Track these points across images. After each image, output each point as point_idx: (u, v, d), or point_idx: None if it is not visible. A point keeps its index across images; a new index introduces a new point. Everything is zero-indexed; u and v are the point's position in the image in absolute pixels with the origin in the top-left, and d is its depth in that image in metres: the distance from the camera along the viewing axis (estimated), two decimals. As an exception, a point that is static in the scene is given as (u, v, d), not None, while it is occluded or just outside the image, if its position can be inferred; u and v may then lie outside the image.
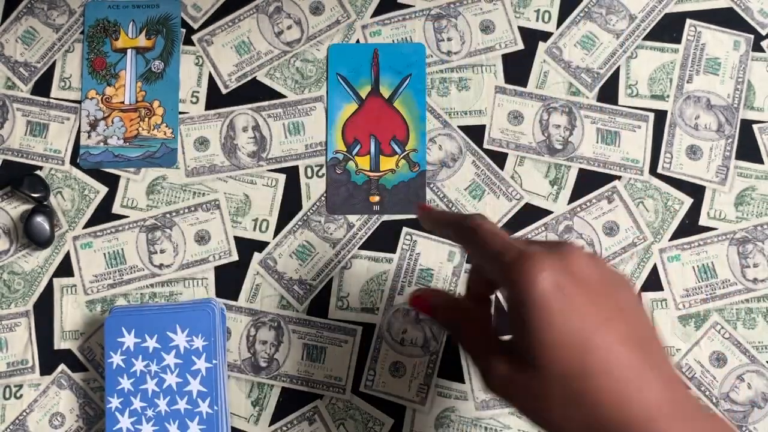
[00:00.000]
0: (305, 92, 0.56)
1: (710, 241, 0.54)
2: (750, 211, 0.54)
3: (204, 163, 0.55)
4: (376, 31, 0.56)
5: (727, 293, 0.53)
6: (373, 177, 0.55)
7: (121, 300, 0.54)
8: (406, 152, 0.55)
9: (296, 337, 0.53)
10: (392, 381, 0.53)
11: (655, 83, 0.55)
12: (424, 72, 0.56)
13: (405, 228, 0.54)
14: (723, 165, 0.54)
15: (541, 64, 0.56)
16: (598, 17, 0.56)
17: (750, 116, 0.55)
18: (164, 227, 0.54)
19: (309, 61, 0.56)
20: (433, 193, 0.54)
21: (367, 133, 0.55)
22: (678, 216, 0.54)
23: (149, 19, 0.57)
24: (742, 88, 0.55)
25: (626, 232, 0.54)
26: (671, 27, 0.56)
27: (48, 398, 0.53)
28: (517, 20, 0.56)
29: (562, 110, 0.55)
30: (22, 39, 0.57)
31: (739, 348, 0.53)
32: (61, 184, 0.55)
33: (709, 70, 0.55)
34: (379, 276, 0.54)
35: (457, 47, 0.56)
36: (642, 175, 0.54)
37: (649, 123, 0.55)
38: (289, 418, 0.53)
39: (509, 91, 0.55)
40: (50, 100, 0.56)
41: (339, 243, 0.54)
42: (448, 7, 0.56)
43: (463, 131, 0.55)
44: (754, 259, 0.53)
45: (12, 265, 0.54)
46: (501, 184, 0.55)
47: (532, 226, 0.54)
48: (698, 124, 0.55)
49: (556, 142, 0.55)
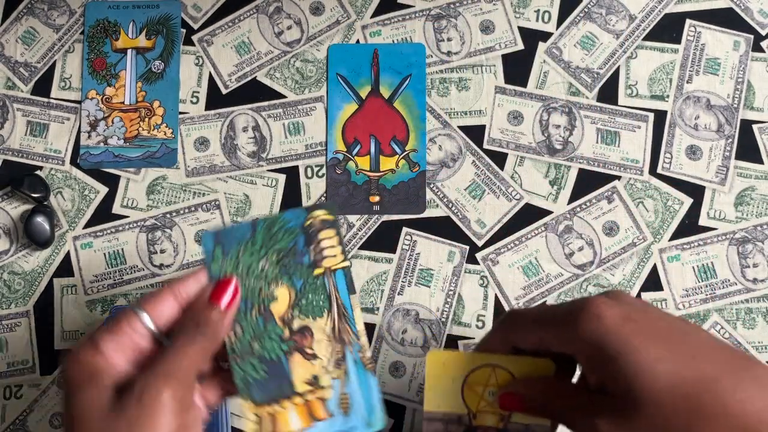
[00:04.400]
0: (305, 92, 0.56)
1: (710, 241, 0.54)
2: (750, 211, 0.54)
3: (204, 163, 0.55)
4: (376, 31, 0.56)
5: (727, 293, 0.53)
6: (373, 177, 0.55)
7: (122, 300, 0.54)
8: (406, 152, 0.55)
9: (296, 337, 0.53)
10: (392, 381, 0.53)
11: (655, 83, 0.55)
12: (424, 72, 0.56)
13: (405, 228, 0.54)
14: (723, 165, 0.54)
15: (541, 65, 0.56)
16: (597, 17, 0.56)
17: (750, 116, 0.55)
18: (164, 227, 0.54)
19: (309, 62, 0.56)
20: (433, 193, 0.54)
21: (367, 133, 0.55)
22: (678, 216, 0.54)
23: (149, 20, 0.57)
24: (741, 89, 0.55)
25: (626, 232, 0.54)
26: (671, 27, 0.56)
27: (48, 398, 0.53)
28: (517, 20, 0.56)
29: (562, 110, 0.55)
30: (23, 39, 0.57)
31: (739, 348, 0.53)
32: (62, 184, 0.55)
33: (708, 70, 0.55)
34: (379, 276, 0.54)
35: (457, 47, 0.56)
36: (642, 175, 0.54)
37: (648, 123, 0.55)
38: (289, 418, 0.53)
39: (509, 91, 0.56)
40: (50, 101, 0.56)
41: (339, 243, 0.54)
42: (448, 8, 0.57)
43: (463, 131, 0.55)
44: (753, 259, 0.53)
45: (12, 265, 0.54)
46: (501, 184, 0.55)
47: (532, 226, 0.54)
48: (698, 124, 0.55)
49: (556, 142, 0.55)
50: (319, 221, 0.38)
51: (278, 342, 0.37)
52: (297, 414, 0.37)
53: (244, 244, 0.38)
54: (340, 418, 0.38)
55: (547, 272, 0.53)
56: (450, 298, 0.53)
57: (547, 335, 0.35)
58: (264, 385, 0.37)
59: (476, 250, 0.54)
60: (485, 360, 0.38)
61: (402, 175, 0.55)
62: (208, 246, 0.37)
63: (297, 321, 0.38)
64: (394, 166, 0.55)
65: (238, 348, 0.37)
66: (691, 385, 0.30)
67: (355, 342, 0.38)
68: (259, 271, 0.38)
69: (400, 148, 0.55)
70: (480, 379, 0.39)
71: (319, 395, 0.38)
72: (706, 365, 0.30)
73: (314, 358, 0.38)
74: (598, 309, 0.32)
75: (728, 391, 0.29)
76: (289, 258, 0.38)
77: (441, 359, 0.40)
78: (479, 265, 0.54)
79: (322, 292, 0.38)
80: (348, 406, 0.38)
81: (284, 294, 0.38)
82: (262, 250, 0.38)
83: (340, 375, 0.38)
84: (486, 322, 0.53)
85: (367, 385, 0.38)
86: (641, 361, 0.30)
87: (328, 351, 0.38)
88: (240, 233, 0.38)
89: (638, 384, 0.30)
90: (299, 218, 0.38)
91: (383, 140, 0.55)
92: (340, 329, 0.38)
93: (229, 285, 0.37)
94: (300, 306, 0.38)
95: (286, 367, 0.37)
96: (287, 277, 0.38)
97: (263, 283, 0.38)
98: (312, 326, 0.38)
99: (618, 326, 0.31)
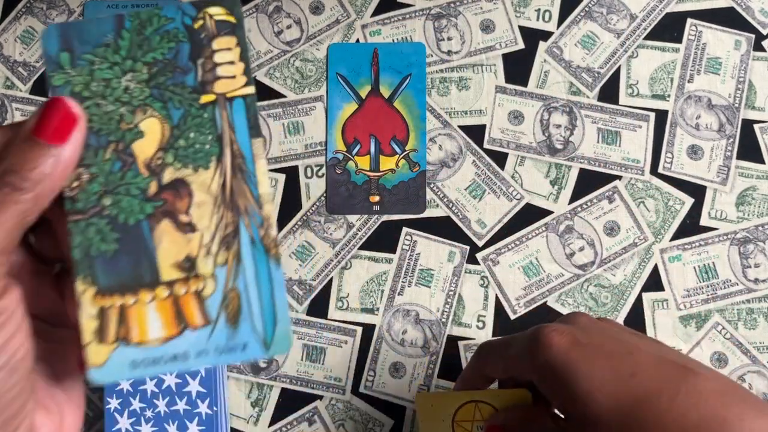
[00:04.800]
0: (305, 92, 0.56)
1: (711, 242, 0.53)
2: (751, 211, 0.54)
3: (203, 163, 0.55)
4: (375, 30, 0.56)
5: (729, 293, 0.53)
6: (373, 177, 0.55)
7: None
8: (406, 152, 0.55)
9: (296, 337, 0.53)
10: (392, 382, 0.53)
11: (656, 83, 0.55)
12: (424, 71, 0.56)
13: (405, 228, 0.54)
14: (724, 165, 0.54)
15: (541, 64, 0.56)
16: (598, 17, 0.56)
17: (751, 116, 0.55)
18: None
19: (309, 61, 0.56)
20: (433, 193, 0.54)
21: (367, 133, 0.55)
22: (679, 216, 0.54)
23: (148, 19, 0.57)
24: (743, 88, 0.55)
25: (627, 232, 0.54)
26: (672, 26, 0.56)
27: (47, 399, 0.53)
28: (518, 20, 0.56)
29: (562, 110, 0.55)
30: (21, 38, 0.57)
31: (740, 348, 0.52)
32: (60, 184, 0.55)
33: (710, 69, 0.55)
34: (379, 276, 0.54)
35: (457, 47, 0.56)
36: (643, 175, 0.54)
37: (649, 123, 0.55)
38: (288, 419, 0.52)
39: (510, 90, 0.55)
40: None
41: (339, 243, 0.54)
42: (448, 7, 0.56)
43: (464, 131, 0.55)
44: (755, 260, 0.53)
45: (11, 266, 0.54)
46: (501, 184, 0.54)
47: (532, 226, 0.54)
48: (699, 123, 0.55)
49: (556, 141, 0.55)
50: (215, 23, 0.26)
51: (140, 200, 0.26)
52: (158, 314, 0.25)
53: (103, 49, 0.26)
54: (224, 328, 0.25)
55: (548, 272, 0.53)
56: (450, 299, 0.53)
57: (511, 365, 0.38)
58: (113, 263, 0.25)
59: (477, 251, 0.54)
60: (468, 397, 0.42)
61: (402, 174, 0.54)
62: (52, 48, 0.26)
63: (170, 171, 0.26)
64: (394, 166, 0.55)
65: (81, 202, 0.25)
66: (631, 403, 0.31)
67: (254, 211, 0.26)
68: (121, 91, 0.26)
69: (400, 147, 0.55)
70: (467, 416, 0.42)
71: (195, 288, 0.26)
72: (646, 382, 0.31)
73: (191, 230, 0.26)
74: (547, 338, 0.34)
75: (665, 406, 0.30)
76: (166, 75, 0.26)
77: (429, 401, 0.43)
78: (480, 266, 0.54)
79: (210, 130, 0.26)
80: (237, 309, 0.26)
81: (154, 128, 0.26)
82: (128, 61, 0.26)
83: (228, 260, 0.26)
84: (486, 323, 0.53)
85: (269, 281, 0.26)
86: (586, 386, 0.32)
87: (212, 221, 0.26)
88: (98, 32, 0.26)
89: (587, 407, 0.32)
90: (185, 17, 0.26)
91: (383, 140, 0.55)
92: (233, 189, 0.26)
93: (65, 108, 0.24)
94: (176, 149, 0.26)
95: (148, 238, 0.26)
96: (160, 103, 0.26)
97: (125, 110, 0.26)
98: (191, 180, 0.26)
99: (565, 353, 0.33)
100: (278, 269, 0.26)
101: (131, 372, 0.25)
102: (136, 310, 0.25)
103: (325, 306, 0.53)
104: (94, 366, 0.25)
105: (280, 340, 0.25)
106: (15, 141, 0.23)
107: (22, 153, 0.23)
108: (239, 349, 0.25)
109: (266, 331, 0.25)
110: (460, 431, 0.42)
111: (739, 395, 0.31)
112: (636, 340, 0.35)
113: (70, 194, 0.25)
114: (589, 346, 0.33)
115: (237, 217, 0.26)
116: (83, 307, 0.25)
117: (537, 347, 0.34)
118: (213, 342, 0.25)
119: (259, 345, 0.25)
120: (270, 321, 0.25)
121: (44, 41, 0.26)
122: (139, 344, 0.25)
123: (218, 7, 0.26)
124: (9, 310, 0.23)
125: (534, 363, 0.35)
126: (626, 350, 0.33)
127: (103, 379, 0.25)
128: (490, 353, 0.41)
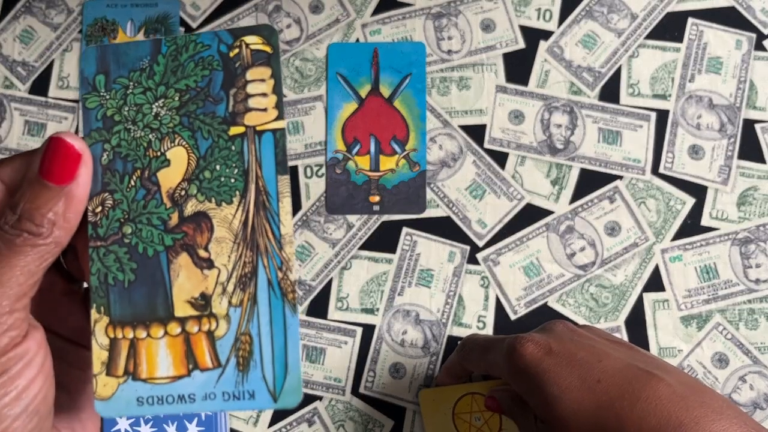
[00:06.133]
0: (304, 91, 0.56)
1: (712, 242, 0.53)
2: (752, 211, 0.54)
3: (203, 163, 0.55)
4: (375, 30, 0.56)
5: (730, 294, 0.53)
6: (373, 177, 0.54)
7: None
8: (406, 152, 0.55)
9: (296, 338, 0.53)
10: (392, 382, 0.52)
11: (657, 82, 0.55)
12: (424, 71, 0.55)
13: (405, 228, 0.54)
14: (725, 165, 0.54)
15: (542, 63, 0.55)
16: (599, 16, 0.56)
17: (752, 116, 0.55)
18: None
19: (308, 60, 0.56)
20: (434, 193, 0.54)
21: (367, 133, 0.55)
22: (680, 216, 0.54)
23: (148, 18, 0.57)
24: (744, 88, 0.55)
25: (628, 232, 0.54)
26: (673, 26, 0.56)
27: (46, 399, 0.52)
28: (518, 19, 0.56)
29: (563, 110, 0.55)
30: (20, 38, 0.57)
31: (741, 349, 0.52)
32: (59, 183, 0.55)
33: (711, 69, 0.55)
34: (379, 276, 0.53)
35: (457, 46, 0.56)
36: (644, 174, 0.54)
37: (650, 122, 0.55)
38: (288, 420, 0.52)
39: (510, 90, 0.55)
40: (48, 100, 0.56)
41: (339, 243, 0.54)
42: (448, 6, 0.56)
43: (464, 131, 0.55)
44: (756, 260, 0.53)
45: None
46: (502, 183, 0.54)
47: (533, 227, 0.54)
48: (700, 123, 0.55)
49: (557, 141, 0.55)
50: (250, 53, 0.25)
51: (160, 231, 0.25)
52: (169, 351, 0.24)
53: (138, 73, 0.26)
54: (233, 373, 0.24)
55: (549, 273, 0.53)
56: (450, 299, 0.53)
57: (490, 369, 0.40)
58: (128, 294, 0.25)
59: (477, 251, 0.54)
60: (465, 390, 0.44)
61: (402, 174, 0.54)
62: (89, 70, 0.26)
63: (192, 203, 0.25)
64: (394, 166, 0.54)
65: (103, 228, 0.25)
66: (595, 408, 0.32)
67: (275, 252, 0.25)
68: (152, 117, 0.25)
69: (400, 147, 0.55)
70: (465, 408, 0.45)
71: (207, 327, 0.25)
72: (609, 388, 0.33)
73: (209, 267, 0.25)
74: (521, 347, 0.36)
75: (626, 411, 0.31)
76: (197, 104, 0.25)
77: (431, 397, 0.46)
78: (480, 266, 0.53)
79: (237, 164, 0.25)
80: (248, 355, 0.24)
81: (181, 157, 0.25)
82: (161, 87, 0.25)
83: (243, 301, 0.25)
84: (487, 323, 0.53)
85: (283, 328, 0.24)
86: (555, 391, 0.34)
87: (230, 259, 0.25)
88: (135, 56, 0.26)
89: (556, 412, 0.33)
90: (222, 44, 0.26)
91: (383, 140, 0.55)
92: (254, 226, 0.25)
93: (65, 148, 0.23)
94: (200, 180, 0.25)
95: (165, 271, 0.25)
96: (189, 132, 0.25)
97: (153, 137, 0.25)
98: (213, 214, 0.25)
99: (537, 361, 0.35)
100: (294, 316, 0.24)
101: (136, 409, 0.24)
102: (146, 345, 0.24)
103: (324, 306, 0.53)
104: (101, 398, 0.24)
105: (289, 393, 0.24)
106: (25, 183, 0.23)
107: (34, 197, 0.23)
108: (247, 396, 0.24)
109: (276, 381, 0.24)
110: (461, 423, 0.44)
111: (699, 399, 0.31)
112: (608, 348, 0.36)
113: (93, 219, 0.25)
114: (561, 354, 0.35)
115: (256, 257, 0.25)
116: (95, 336, 0.24)
117: (513, 356, 0.37)
118: (221, 386, 0.24)
119: (268, 395, 0.24)
120: (281, 371, 0.24)
121: (82, 63, 0.26)
122: (146, 380, 0.24)
123: (255, 36, 0.25)
124: (30, 353, 0.23)
125: (510, 370, 0.37)
126: (596, 358, 0.35)
127: (108, 413, 0.24)
128: (473, 351, 0.43)
